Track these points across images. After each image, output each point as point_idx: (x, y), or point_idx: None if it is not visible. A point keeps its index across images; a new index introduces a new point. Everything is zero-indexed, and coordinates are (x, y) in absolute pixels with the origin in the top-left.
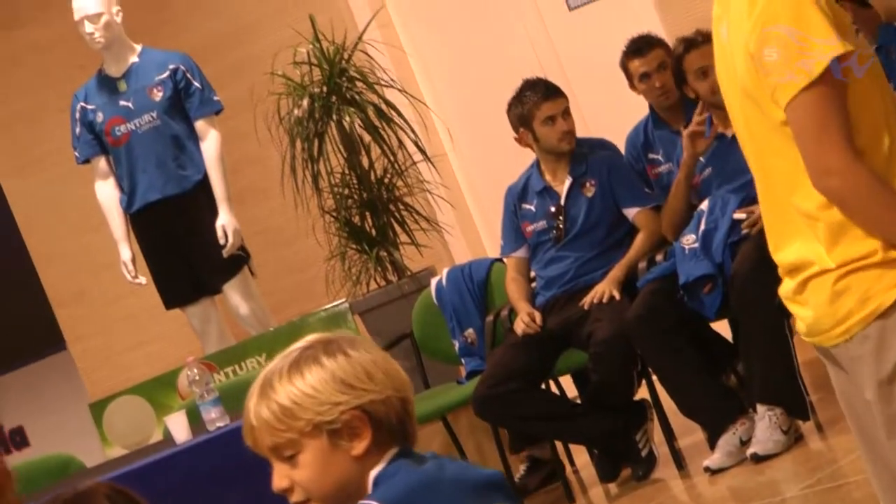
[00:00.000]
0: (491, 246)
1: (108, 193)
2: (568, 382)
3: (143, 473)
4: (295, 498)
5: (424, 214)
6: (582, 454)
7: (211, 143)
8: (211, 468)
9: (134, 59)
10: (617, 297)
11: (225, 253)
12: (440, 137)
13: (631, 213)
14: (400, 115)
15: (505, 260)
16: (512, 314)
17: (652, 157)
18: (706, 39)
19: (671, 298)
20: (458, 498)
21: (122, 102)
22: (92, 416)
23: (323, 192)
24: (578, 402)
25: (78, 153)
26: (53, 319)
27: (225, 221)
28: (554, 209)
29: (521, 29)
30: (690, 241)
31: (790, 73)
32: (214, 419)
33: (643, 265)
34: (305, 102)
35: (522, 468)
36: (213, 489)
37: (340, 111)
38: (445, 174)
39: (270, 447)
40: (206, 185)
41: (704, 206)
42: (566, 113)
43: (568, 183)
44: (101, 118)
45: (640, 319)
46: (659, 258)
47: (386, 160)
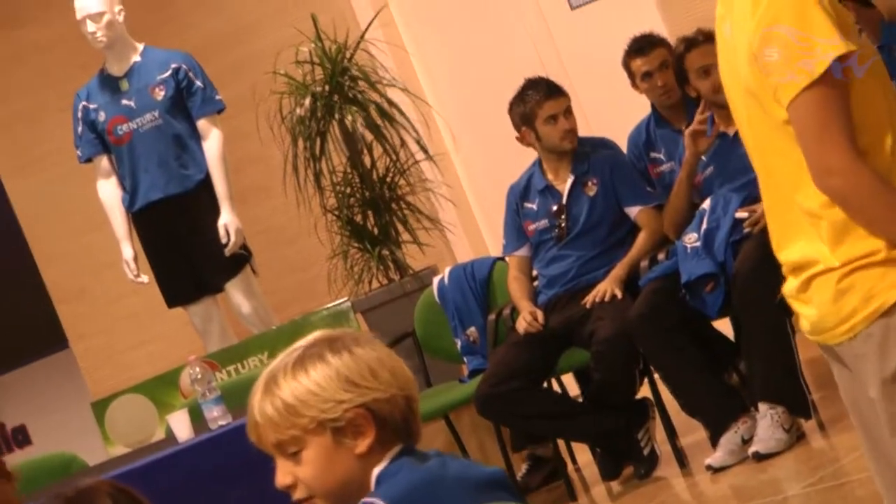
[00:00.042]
0: (493, 244)
1: (110, 192)
2: (570, 381)
3: (145, 472)
4: (298, 495)
5: (426, 213)
6: (584, 452)
7: (213, 142)
8: (213, 467)
9: (136, 58)
10: (619, 295)
11: (227, 252)
12: (442, 136)
13: (633, 211)
14: (402, 113)
15: (507, 259)
16: (514, 313)
17: (654, 156)
18: (707, 38)
19: (673, 297)
20: (460, 496)
21: (124, 101)
22: (94, 414)
23: (325, 190)
24: (580, 400)
25: (80, 152)
26: (55, 318)
27: (227, 220)
28: (556, 208)
29: (522, 28)
30: (692, 239)
31: (791, 73)
32: (216, 418)
33: (645, 264)
34: (307, 101)
35: (524, 467)
36: (215, 488)
37: (342, 110)
38: (447, 173)
39: (274, 444)
40: (208, 184)
41: (706, 204)
42: (568, 112)
43: (570, 182)
44: (103, 117)
45: (642, 318)
46: (661, 257)
47: (388, 159)
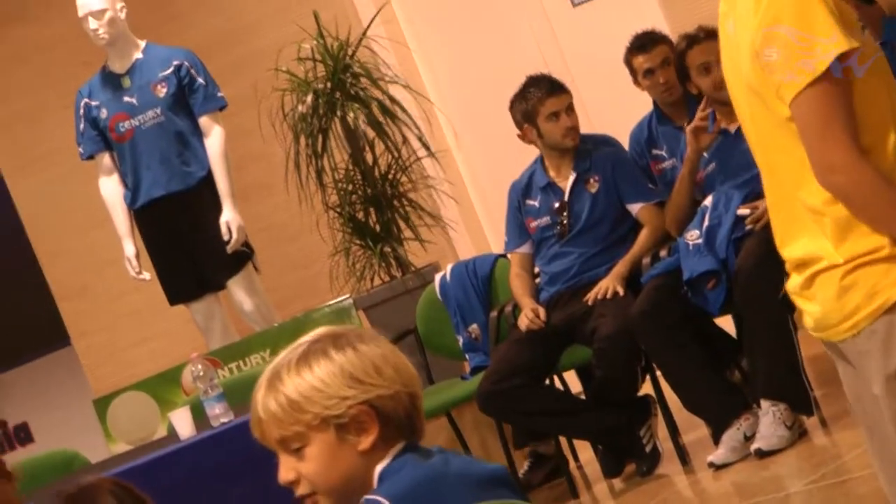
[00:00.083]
0: (495, 242)
1: (112, 189)
2: (572, 378)
3: (146, 469)
4: (301, 490)
5: (428, 210)
6: (586, 450)
7: (215, 139)
8: (215, 464)
9: (138, 55)
10: (621, 292)
11: (229, 249)
12: (444, 133)
13: (635, 208)
14: (404, 110)
15: (509, 256)
16: (516, 310)
17: (656, 152)
18: (708, 35)
19: (675, 294)
20: (462, 492)
21: (126, 99)
22: (96, 411)
23: (327, 188)
24: (582, 397)
25: (82, 149)
26: (58, 315)
27: (229, 218)
28: (558, 205)
29: (525, 25)
30: (694, 236)
31: (790, 72)
32: (218, 415)
33: (647, 261)
34: (309, 99)
35: (526, 464)
36: (216, 485)
37: (344, 107)
38: (449, 170)
39: (277, 439)
40: (210, 181)
41: (708, 201)
42: (570, 109)
43: (572, 179)
44: (105, 114)
45: (644, 315)
46: (663, 254)
47: (390, 156)
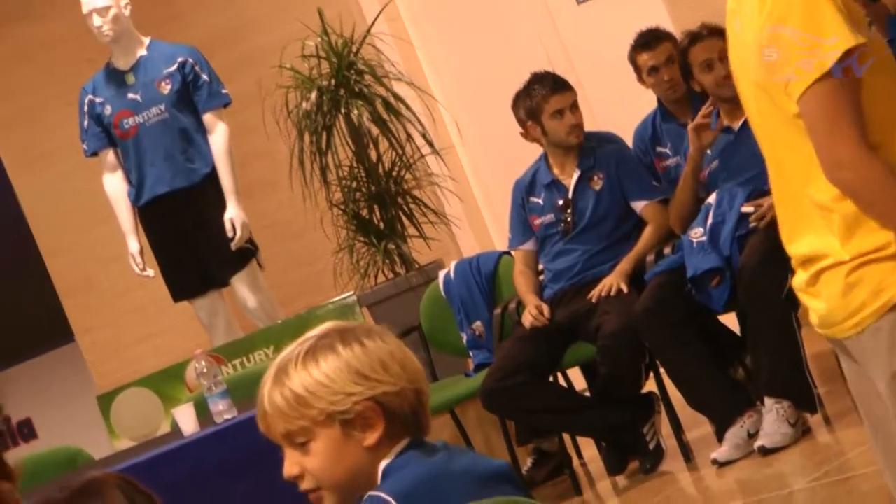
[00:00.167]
0: (499, 239)
1: (116, 186)
2: (576, 375)
3: (150, 466)
4: (305, 485)
5: (432, 207)
6: (589, 447)
7: (219, 136)
8: (218, 461)
9: (142, 52)
10: (625, 290)
11: (233, 246)
12: (448, 130)
13: (639, 206)
14: (408, 108)
15: (513, 253)
16: (520, 307)
17: (660, 150)
18: (711, 33)
19: (679, 291)
20: (466, 489)
21: (130, 95)
22: (100, 408)
23: (331, 185)
24: (586, 394)
25: (86, 146)
26: (61, 312)
27: (233, 214)
28: (562, 202)
29: (529, 22)
30: (698, 234)
31: (792, 72)
32: (222, 411)
33: (651, 258)
34: (314, 96)
35: (530, 461)
36: (220, 482)
37: (349, 104)
38: (453, 167)
39: (283, 434)
40: (214, 178)
41: (712, 199)
42: (574, 106)
43: (576, 176)
44: (109, 111)
45: (647, 312)
46: (667, 251)
47: (394, 153)
